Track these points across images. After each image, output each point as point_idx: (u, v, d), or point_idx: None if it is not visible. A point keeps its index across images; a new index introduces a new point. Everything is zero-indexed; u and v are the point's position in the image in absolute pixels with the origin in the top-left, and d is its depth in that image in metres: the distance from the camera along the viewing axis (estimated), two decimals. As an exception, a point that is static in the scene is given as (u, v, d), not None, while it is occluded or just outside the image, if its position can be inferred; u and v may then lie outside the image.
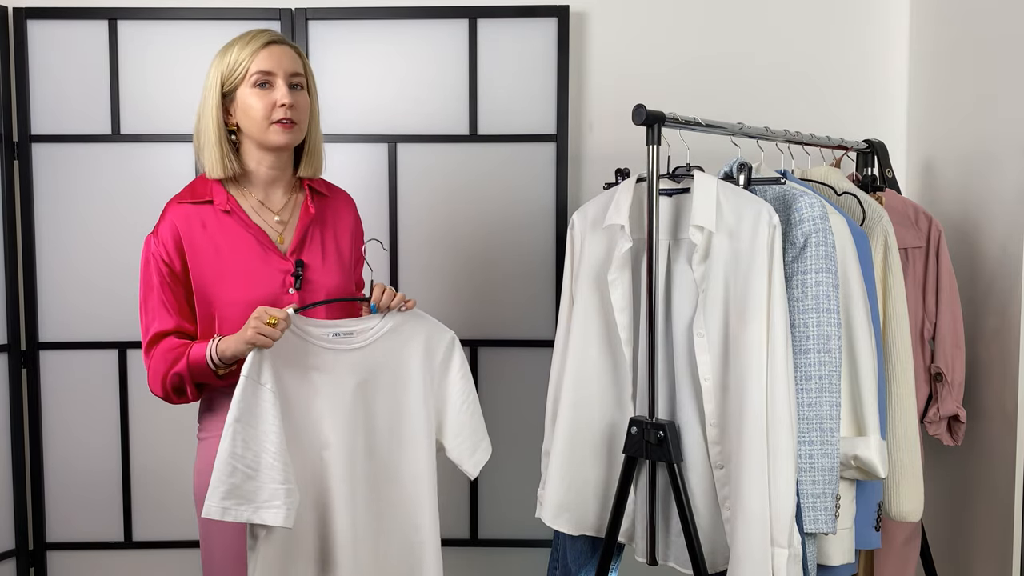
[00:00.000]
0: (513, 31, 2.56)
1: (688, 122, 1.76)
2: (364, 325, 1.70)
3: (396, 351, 1.72)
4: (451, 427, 1.77)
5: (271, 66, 1.65)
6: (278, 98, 1.65)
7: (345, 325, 1.69)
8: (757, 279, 1.63)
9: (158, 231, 1.69)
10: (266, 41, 1.67)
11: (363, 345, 1.69)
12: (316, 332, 1.66)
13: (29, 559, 2.64)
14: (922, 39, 2.58)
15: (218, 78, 1.67)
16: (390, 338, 1.71)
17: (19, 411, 2.59)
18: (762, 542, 1.59)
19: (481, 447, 1.81)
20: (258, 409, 1.56)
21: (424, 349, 1.74)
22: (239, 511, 1.54)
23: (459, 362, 1.78)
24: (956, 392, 2.13)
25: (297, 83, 1.69)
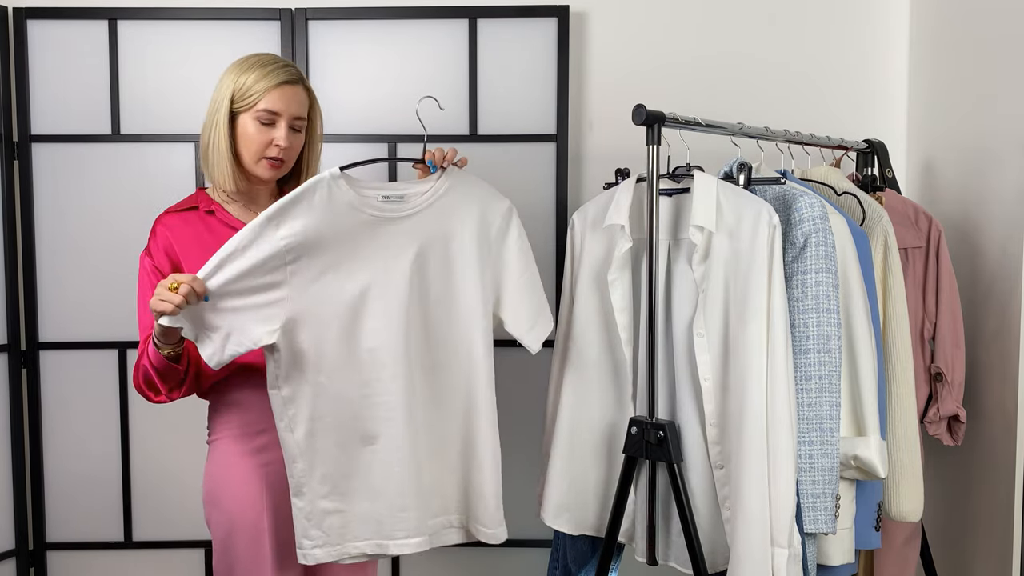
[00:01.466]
0: (513, 31, 2.56)
1: (688, 122, 1.77)
2: (417, 188, 1.67)
3: (449, 219, 1.68)
4: (509, 300, 1.75)
5: (279, 108, 1.69)
6: (275, 139, 1.69)
7: (395, 187, 1.66)
8: (757, 279, 1.63)
9: (149, 248, 1.73)
10: (282, 80, 1.69)
11: (414, 211, 1.66)
12: (366, 193, 1.62)
13: (29, 559, 2.64)
14: (922, 39, 2.58)
15: (230, 95, 1.69)
16: (443, 204, 1.68)
17: (19, 411, 2.59)
18: (762, 542, 1.59)
19: (540, 321, 1.77)
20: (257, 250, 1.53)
21: (479, 217, 1.71)
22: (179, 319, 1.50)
23: (517, 232, 1.76)
24: (956, 392, 2.13)
25: (299, 126, 1.73)
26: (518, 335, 1.76)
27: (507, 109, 2.58)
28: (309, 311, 1.59)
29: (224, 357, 1.54)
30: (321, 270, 1.59)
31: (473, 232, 1.70)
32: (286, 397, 1.61)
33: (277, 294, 1.57)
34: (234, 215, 1.76)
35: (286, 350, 1.59)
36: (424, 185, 1.69)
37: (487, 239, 1.72)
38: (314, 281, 1.59)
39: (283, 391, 1.61)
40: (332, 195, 1.60)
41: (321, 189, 1.59)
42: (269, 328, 1.57)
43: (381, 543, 1.68)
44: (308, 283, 1.59)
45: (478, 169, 2.57)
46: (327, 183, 1.60)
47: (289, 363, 1.60)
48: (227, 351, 1.54)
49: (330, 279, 1.60)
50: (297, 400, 1.61)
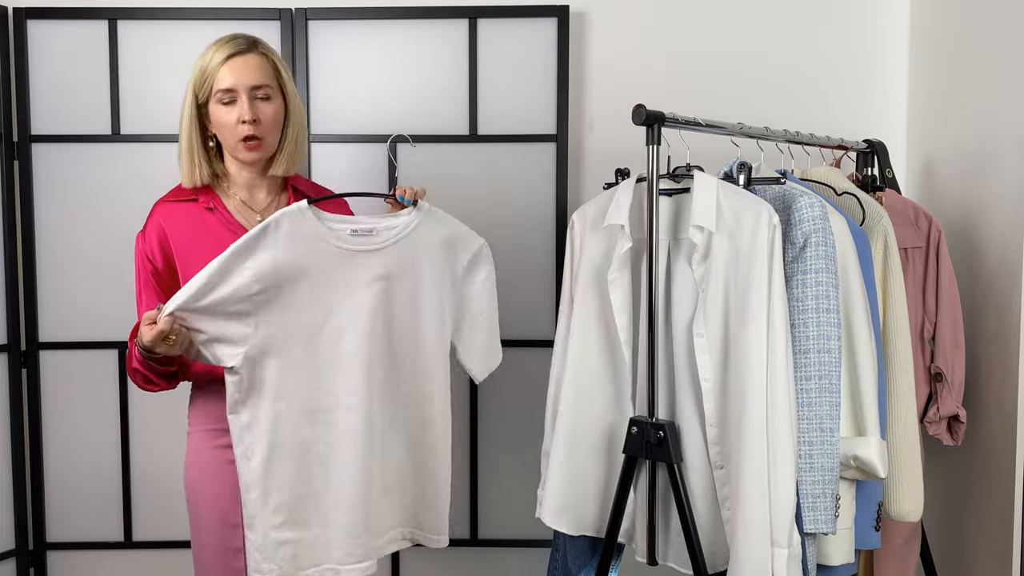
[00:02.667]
0: (513, 31, 2.56)
1: (688, 122, 1.76)
2: (387, 223, 1.68)
3: (417, 255, 1.70)
4: (466, 333, 1.79)
5: (232, 82, 1.66)
6: (239, 115, 1.66)
7: (365, 222, 1.66)
8: (757, 279, 1.63)
9: (145, 230, 1.73)
10: (228, 54, 1.66)
11: (383, 246, 1.66)
12: (334, 227, 1.63)
13: (29, 559, 2.64)
14: (922, 39, 2.58)
15: (191, 88, 1.69)
16: (412, 240, 1.69)
17: (19, 411, 2.59)
18: (762, 542, 1.59)
19: (491, 356, 1.84)
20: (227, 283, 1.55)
21: (448, 251, 1.73)
22: None
23: (486, 271, 1.78)
24: (956, 392, 2.13)
25: (263, 95, 1.69)
26: (467, 366, 1.82)
27: (507, 109, 2.58)
28: (274, 341, 1.61)
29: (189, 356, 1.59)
30: (287, 302, 1.61)
31: (440, 266, 1.73)
32: (244, 423, 1.62)
33: (244, 325, 1.59)
34: (234, 214, 1.75)
35: (248, 376, 1.61)
36: (395, 220, 1.69)
37: (452, 272, 1.75)
38: (280, 312, 1.61)
39: (242, 417, 1.62)
40: (300, 227, 1.60)
41: (289, 221, 1.60)
42: (233, 351, 1.59)
43: (334, 567, 1.70)
44: (274, 314, 1.60)
45: (478, 169, 2.59)
46: (295, 215, 1.60)
47: (249, 389, 1.62)
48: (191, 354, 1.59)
49: (296, 310, 1.62)
50: (255, 427, 1.63)
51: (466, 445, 2.64)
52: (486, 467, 2.66)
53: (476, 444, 2.65)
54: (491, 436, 2.65)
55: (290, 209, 1.60)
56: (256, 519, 1.64)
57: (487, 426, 2.65)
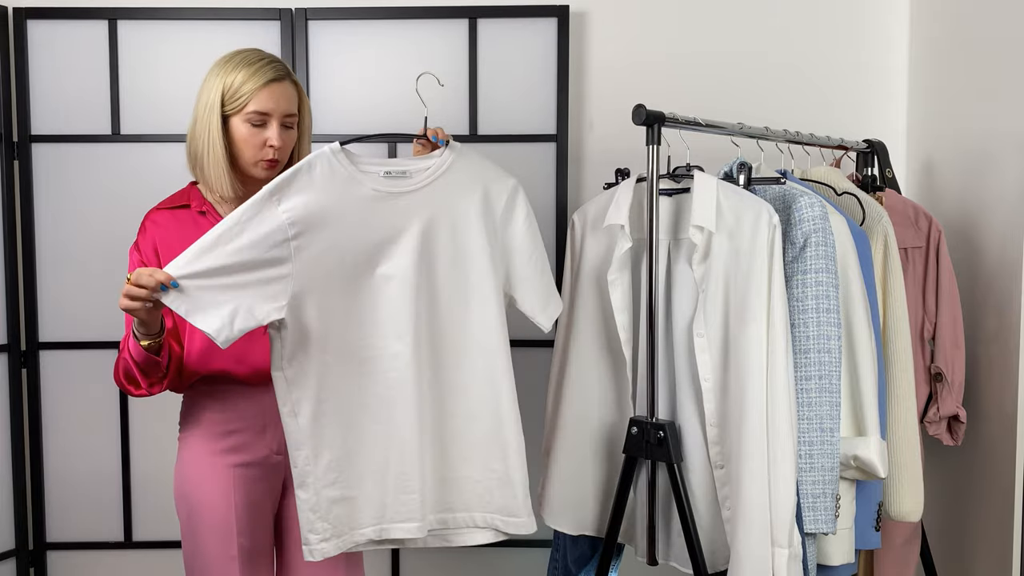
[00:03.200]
0: (513, 31, 2.56)
1: (688, 122, 1.77)
2: (420, 164, 1.64)
3: (454, 196, 1.65)
4: (520, 280, 1.71)
5: (269, 108, 1.67)
6: (268, 139, 1.67)
7: (397, 163, 1.63)
8: (757, 279, 1.63)
9: (138, 242, 1.73)
10: (269, 79, 1.67)
11: (418, 187, 1.62)
12: (367, 169, 1.60)
13: (29, 559, 2.64)
14: (922, 39, 2.58)
15: (219, 98, 1.66)
16: (447, 181, 1.65)
17: (19, 411, 2.59)
18: (762, 542, 1.59)
19: (552, 301, 1.75)
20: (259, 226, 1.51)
21: (484, 194, 1.68)
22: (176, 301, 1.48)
23: (524, 212, 1.72)
24: (956, 392, 2.13)
25: (289, 123, 1.71)
26: (531, 315, 1.73)
27: (507, 109, 2.58)
28: (315, 287, 1.56)
29: (234, 333, 1.50)
30: (326, 245, 1.56)
31: (479, 210, 1.66)
32: (290, 378, 1.57)
33: (282, 270, 1.54)
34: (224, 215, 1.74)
35: (293, 327, 1.56)
36: (427, 161, 1.65)
37: (492, 217, 1.68)
38: (319, 256, 1.56)
39: (287, 371, 1.57)
40: (333, 170, 1.58)
41: (321, 164, 1.57)
42: (276, 304, 1.53)
43: (384, 527, 1.64)
44: (313, 258, 1.55)
45: (478, 169, 2.59)
46: (327, 158, 1.58)
47: (295, 341, 1.56)
48: (236, 327, 1.50)
49: (335, 254, 1.57)
50: (301, 381, 1.58)
51: (466, 445, 2.64)
52: (486, 467, 2.66)
53: (476, 444, 2.65)
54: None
55: (322, 151, 1.58)
56: (308, 477, 1.59)
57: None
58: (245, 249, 1.51)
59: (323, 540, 1.61)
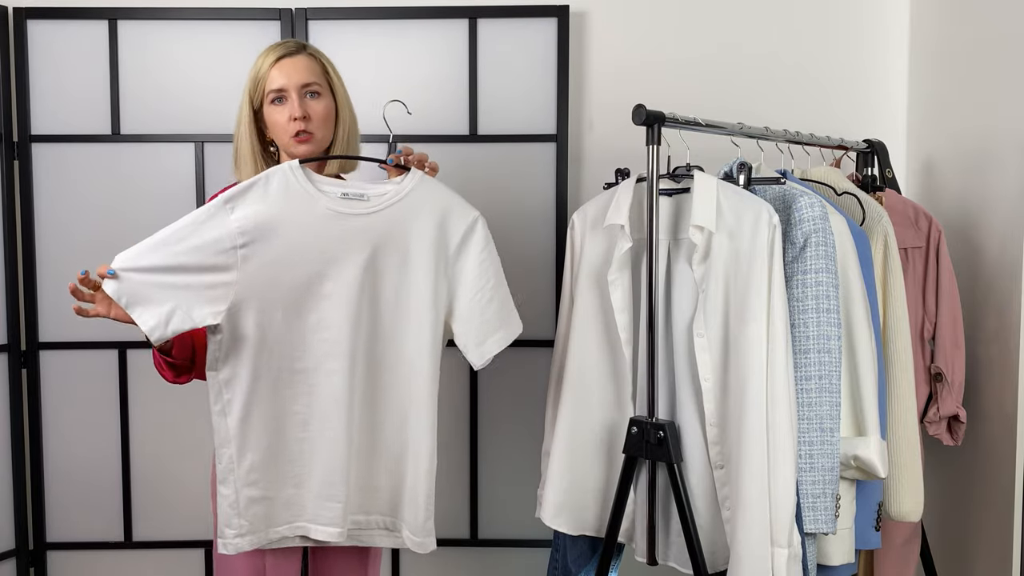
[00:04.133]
0: (513, 31, 2.56)
1: (688, 122, 1.77)
2: (379, 190, 1.65)
3: (408, 223, 1.66)
4: (460, 314, 1.71)
5: (282, 82, 1.70)
6: (291, 112, 1.69)
7: (356, 187, 1.64)
8: (757, 279, 1.63)
9: None
10: (277, 57, 1.71)
11: (373, 211, 1.63)
12: (324, 189, 1.62)
13: (29, 559, 2.64)
14: (922, 39, 2.58)
15: (247, 96, 1.73)
16: (404, 207, 1.65)
17: (19, 411, 2.59)
18: (762, 542, 1.59)
19: (492, 339, 1.71)
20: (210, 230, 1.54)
21: (440, 224, 1.68)
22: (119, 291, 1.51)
23: (481, 245, 1.70)
24: (956, 392, 2.13)
25: (313, 91, 1.72)
26: (463, 348, 1.72)
27: (507, 109, 2.58)
28: (257, 296, 1.59)
29: (167, 332, 1.53)
30: (272, 258, 1.59)
31: (431, 239, 1.67)
32: (224, 380, 1.61)
33: (226, 277, 1.56)
34: None
35: (228, 333, 1.59)
36: (387, 186, 1.67)
37: (445, 247, 1.68)
38: (264, 268, 1.58)
39: (221, 373, 1.61)
40: (289, 186, 1.60)
41: (278, 178, 1.60)
42: (214, 309, 1.56)
43: (304, 526, 1.68)
44: (258, 269, 1.58)
45: (478, 169, 2.59)
46: (285, 173, 1.60)
47: (230, 346, 1.60)
48: (170, 327, 1.53)
49: (281, 267, 1.59)
50: (234, 384, 1.61)
51: (466, 445, 2.64)
52: (486, 467, 2.66)
53: (476, 444, 2.65)
54: (491, 436, 2.65)
55: (281, 167, 1.60)
56: (230, 475, 1.63)
57: (487, 426, 2.65)
58: (192, 251, 1.54)
59: (239, 535, 1.65)
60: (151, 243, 1.53)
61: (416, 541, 1.72)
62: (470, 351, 1.71)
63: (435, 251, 1.67)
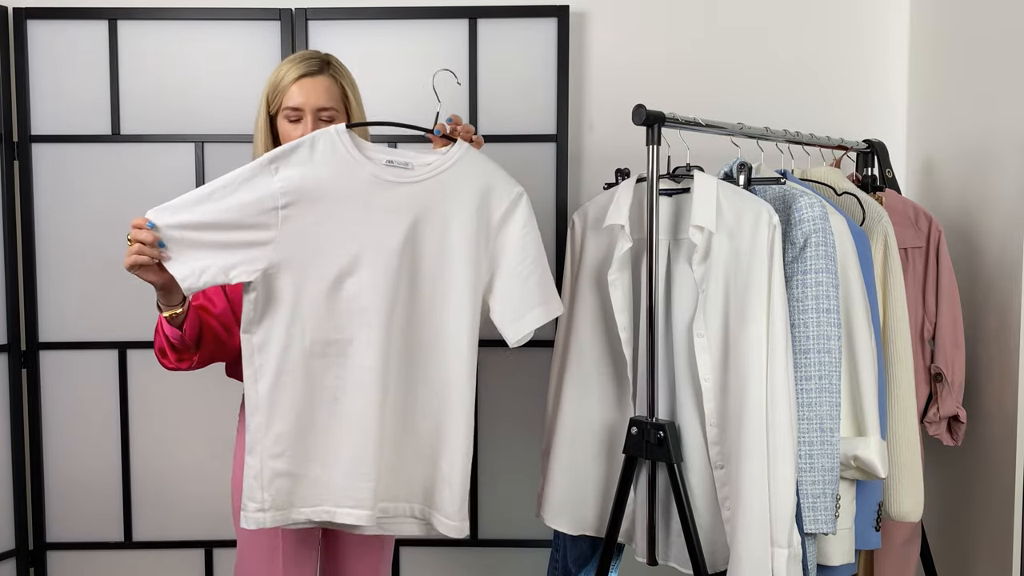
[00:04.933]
0: (513, 31, 2.56)
1: (688, 122, 1.77)
2: (424, 159, 1.63)
3: (451, 194, 1.63)
4: (499, 288, 1.68)
5: (299, 102, 1.70)
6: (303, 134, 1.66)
7: (401, 154, 1.62)
8: (757, 279, 1.63)
9: None
10: (300, 74, 1.71)
11: (417, 180, 1.61)
12: (370, 155, 1.60)
13: (29, 559, 2.64)
14: (922, 39, 2.58)
15: (265, 99, 1.74)
16: (448, 179, 1.63)
17: (19, 411, 2.59)
18: (762, 542, 1.59)
19: (530, 315, 1.68)
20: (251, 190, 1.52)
21: (483, 197, 1.65)
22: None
23: (523, 220, 1.68)
24: (956, 392, 2.13)
25: (327, 117, 1.72)
26: (499, 324, 1.68)
27: (507, 109, 2.58)
28: (294, 259, 1.56)
29: (199, 284, 1.51)
30: (313, 221, 1.56)
31: (473, 211, 1.64)
32: (257, 344, 1.57)
33: (265, 235, 1.54)
34: None
35: (263, 293, 1.56)
36: (432, 156, 1.64)
37: (487, 221, 1.65)
38: (304, 231, 1.56)
39: (255, 336, 1.57)
40: (335, 150, 1.57)
41: (324, 141, 1.57)
42: (250, 268, 1.53)
43: (329, 510, 1.62)
44: (297, 231, 1.55)
45: (478, 169, 2.59)
46: (331, 136, 1.58)
47: (264, 308, 1.56)
48: (203, 279, 1.51)
49: (321, 232, 1.56)
50: (267, 349, 1.57)
51: (466, 445, 2.64)
52: (486, 467, 2.66)
53: (476, 444, 2.65)
54: (491, 436, 2.65)
55: (327, 130, 1.58)
56: (257, 444, 1.58)
57: (487, 426, 2.64)
58: (233, 209, 1.52)
59: (260, 510, 1.59)
60: (191, 198, 1.51)
61: (453, 525, 1.66)
62: (506, 326, 1.67)
63: (476, 224, 1.64)
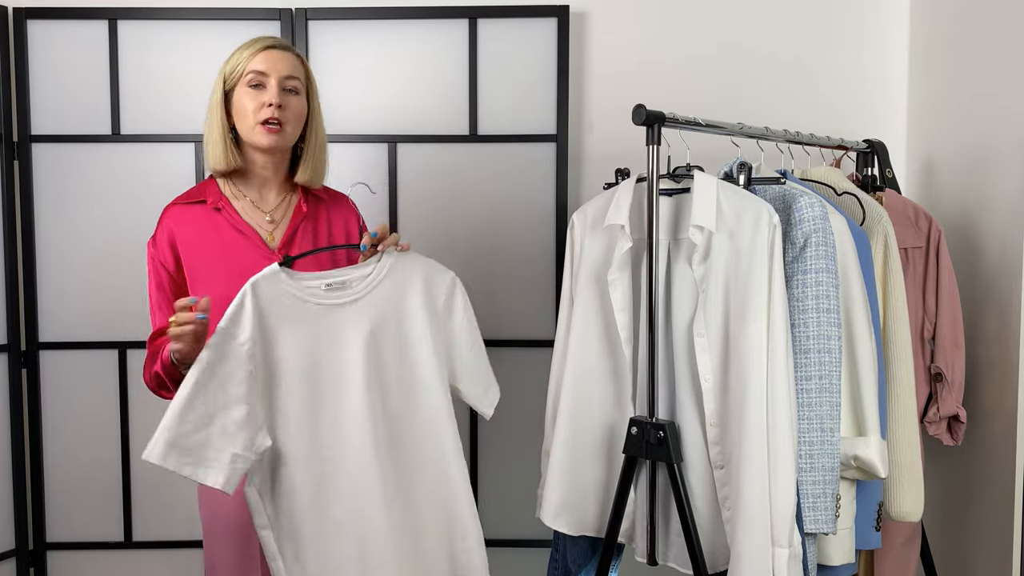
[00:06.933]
0: (513, 31, 2.56)
1: (688, 122, 1.76)
2: (359, 272, 1.65)
3: (396, 297, 1.66)
4: (462, 370, 1.73)
5: (266, 67, 1.68)
6: (267, 98, 1.66)
7: (336, 275, 1.63)
8: (757, 279, 1.63)
9: (155, 236, 1.73)
10: (266, 45, 1.70)
11: (359, 296, 1.64)
12: (308, 284, 1.61)
13: (29, 559, 2.64)
14: (922, 39, 2.58)
15: (221, 77, 1.71)
16: (388, 284, 1.66)
17: (19, 411, 2.59)
18: (762, 542, 1.59)
19: (492, 388, 1.78)
20: (224, 365, 1.52)
21: (424, 291, 1.68)
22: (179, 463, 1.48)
23: (462, 304, 1.73)
24: (956, 392, 2.13)
25: (292, 87, 1.70)
26: (474, 404, 1.76)
27: (507, 109, 2.58)
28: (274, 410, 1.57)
29: (236, 479, 1.52)
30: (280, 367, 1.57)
31: (421, 302, 1.67)
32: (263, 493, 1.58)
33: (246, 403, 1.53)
34: (241, 214, 1.74)
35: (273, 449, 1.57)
36: (365, 268, 1.65)
37: (435, 308, 1.69)
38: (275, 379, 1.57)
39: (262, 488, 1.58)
40: (276, 288, 1.58)
41: (264, 286, 1.57)
42: (261, 433, 1.54)
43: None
44: (269, 383, 1.57)
45: (478, 169, 2.60)
46: (269, 279, 1.58)
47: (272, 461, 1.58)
48: (238, 468, 1.52)
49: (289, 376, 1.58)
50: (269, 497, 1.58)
51: (466, 445, 2.64)
52: (486, 467, 2.66)
53: (476, 444, 2.66)
54: (491, 436, 2.65)
55: (263, 273, 1.58)
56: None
57: (487, 426, 2.65)
58: (219, 391, 1.51)
59: None
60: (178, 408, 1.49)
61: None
62: (479, 401, 1.76)
63: (427, 312, 1.68)
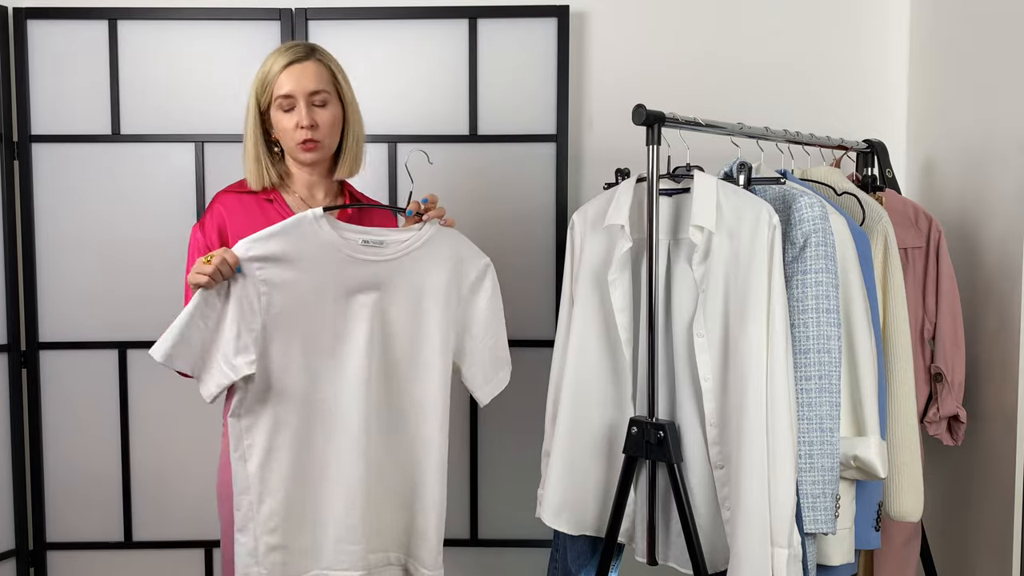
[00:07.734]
0: (513, 31, 2.56)
1: (688, 122, 1.77)
2: (398, 236, 1.70)
3: (424, 268, 1.72)
4: (468, 353, 1.79)
5: (291, 89, 1.72)
6: (298, 121, 1.72)
7: (378, 233, 1.69)
8: (757, 279, 1.63)
9: (203, 221, 1.77)
10: (287, 62, 1.73)
11: (391, 258, 1.69)
12: (347, 236, 1.66)
13: (29, 559, 2.64)
14: (922, 39, 2.58)
15: (254, 95, 1.75)
16: (421, 254, 1.72)
17: (19, 411, 2.59)
18: (762, 542, 1.59)
19: (496, 378, 1.83)
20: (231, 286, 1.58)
21: (453, 269, 1.74)
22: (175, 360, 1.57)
23: (490, 291, 1.79)
24: (956, 392, 2.13)
25: (320, 101, 1.74)
26: (470, 388, 1.82)
27: (507, 109, 2.58)
28: (278, 343, 1.63)
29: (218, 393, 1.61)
30: (293, 305, 1.63)
31: (446, 281, 1.73)
32: (245, 426, 1.64)
33: (255, 325, 1.61)
34: (292, 208, 1.78)
35: (259, 379, 1.63)
36: (405, 234, 1.71)
37: (459, 289, 1.76)
38: (283, 314, 1.63)
39: (243, 420, 1.64)
40: (314, 233, 1.63)
41: (302, 227, 1.63)
42: (247, 359, 1.60)
43: (320, 573, 1.71)
44: (280, 316, 1.62)
45: (478, 169, 2.59)
46: (309, 221, 1.63)
47: (255, 393, 1.64)
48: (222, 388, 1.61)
49: (298, 313, 1.63)
50: (255, 430, 1.65)
51: (466, 445, 2.64)
52: (486, 467, 2.66)
53: (476, 444, 2.66)
54: (491, 436, 2.65)
55: (304, 215, 1.64)
56: (249, 522, 1.66)
57: (487, 426, 2.65)
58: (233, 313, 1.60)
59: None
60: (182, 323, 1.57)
61: (428, 574, 1.78)
62: (479, 389, 1.82)
63: (447, 295, 1.73)
